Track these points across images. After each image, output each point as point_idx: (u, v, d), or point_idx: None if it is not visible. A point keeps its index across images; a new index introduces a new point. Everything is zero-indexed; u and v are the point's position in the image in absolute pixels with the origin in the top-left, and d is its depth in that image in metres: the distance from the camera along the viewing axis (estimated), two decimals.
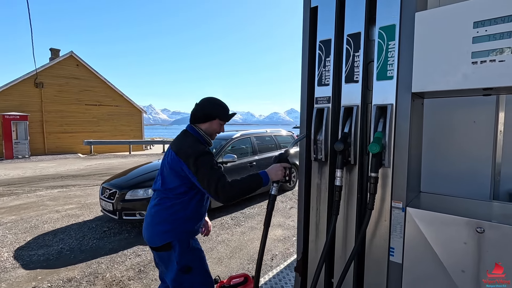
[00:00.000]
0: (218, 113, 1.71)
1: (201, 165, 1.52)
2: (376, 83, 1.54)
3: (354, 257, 1.52)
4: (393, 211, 1.51)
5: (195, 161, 1.53)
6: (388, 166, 1.51)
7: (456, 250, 1.31)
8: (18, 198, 6.34)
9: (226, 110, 1.75)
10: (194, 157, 1.53)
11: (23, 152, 14.48)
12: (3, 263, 3.37)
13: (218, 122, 1.72)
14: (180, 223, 1.61)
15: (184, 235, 1.62)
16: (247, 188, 1.57)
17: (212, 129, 1.73)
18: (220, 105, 1.73)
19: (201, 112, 1.69)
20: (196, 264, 1.63)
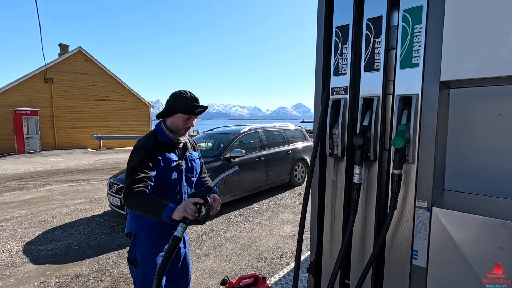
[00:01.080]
0: (179, 106, 1.56)
1: (129, 158, 1.56)
2: (399, 71, 1.41)
3: (374, 260, 1.41)
4: (417, 211, 1.39)
5: (130, 154, 1.57)
6: (412, 162, 1.39)
7: (490, 255, 1.18)
8: (28, 193, 6.41)
9: (189, 102, 1.56)
10: (131, 153, 1.57)
11: (34, 147, 14.71)
12: (12, 257, 3.38)
13: (181, 116, 1.57)
14: (136, 216, 1.65)
15: (139, 229, 1.64)
16: (142, 211, 1.49)
17: (176, 124, 1.60)
18: (182, 98, 1.57)
19: (166, 106, 1.62)
20: (145, 263, 1.61)
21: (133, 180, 1.46)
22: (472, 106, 1.68)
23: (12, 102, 14.80)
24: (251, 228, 4.20)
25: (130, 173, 1.51)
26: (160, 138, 1.60)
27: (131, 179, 1.48)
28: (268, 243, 3.70)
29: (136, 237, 1.64)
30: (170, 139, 1.63)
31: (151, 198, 1.44)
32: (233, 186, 5.08)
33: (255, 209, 5.11)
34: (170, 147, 1.64)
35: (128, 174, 1.51)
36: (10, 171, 9.23)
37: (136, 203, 1.44)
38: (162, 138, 1.61)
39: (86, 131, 17.30)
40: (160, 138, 1.60)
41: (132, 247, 1.64)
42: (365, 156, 1.50)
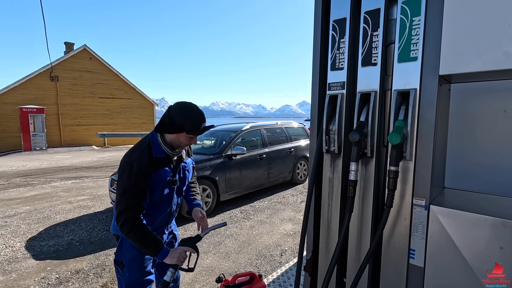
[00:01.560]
0: (185, 126, 1.43)
1: (120, 176, 1.43)
2: (397, 65, 1.37)
3: (370, 258, 1.38)
4: (415, 209, 1.35)
5: (121, 170, 1.43)
6: (410, 159, 1.35)
7: (489, 255, 1.15)
8: (33, 189, 6.48)
9: (196, 121, 1.45)
10: (121, 170, 1.43)
11: (41, 144, 14.89)
12: (15, 253, 3.41)
13: (186, 136, 1.46)
14: None
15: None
16: (137, 245, 1.45)
17: (179, 142, 1.49)
18: (190, 117, 1.44)
19: (169, 120, 1.44)
20: (131, 265, 1.59)
21: (128, 207, 1.40)
22: (475, 102, 1.63)
23: (18, 100, 14.98)
24: (252, 226, 4.19)
25: (123, 196, 1.40)
26: (155, 153, 1.47)
27: (126, 205, 1.40)
28: (268, 241, 3.68)
29: (123, 241, 1.60)
30: (166, 154, 1.51)
31: (148, 235, 1.43)
32: (234, 184, 5.07)
33: (256, 206, 5.09)
34: (165, 162, 1.52)
35: (121, 197, 1.41)
36: (16, 168, 9.35)
37: (133, 237, 1.42)
38: (157, 153, 1.47)
39: (91, 128, 17.44)
40: (155, 153, 1.47)
41: (119, 250, 1.62)
42: (362, 152, 1.46)
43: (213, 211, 4.73)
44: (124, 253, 1.62)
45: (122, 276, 1.65)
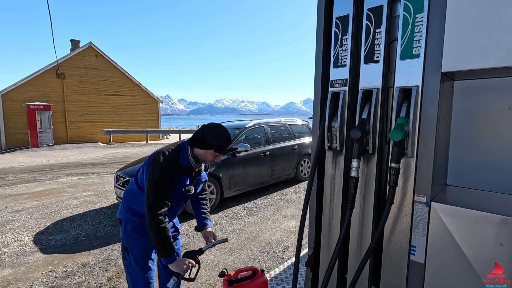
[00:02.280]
0: (214, 144, 1.62)
1: (152, 170, 1.55)
2: (399, 62, 1.37)
3: (370, 254, 1.39)
4: (416, 206, 1.36)
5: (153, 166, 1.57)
6: (411, 156, 1.35)
7: (490, 252, 1.15)
8: (40, 185, 6.59)
9: (224, 142, 1.65)
10: (152, 167, 1.56)
11: (47, 141, 15.09)
12: (23, 246, 3.49)
13: (213, 153, 1.65)
14: (127, 208, 1.72)
15: (128, 221, 1.71)
16: (155, 239, 1.54)
17: (205, 157, 1.67)
18: (221, 138, 1.64)
19: (201, 137, 1.62)
20: (134, 251, 1.70)
21: (159, 202, 1.53)
22: (478, 99, 1.62)
23: (26, 97, 15.18)
24: (255, 222, 4.22)
25: (155, 191, 1.53)
26: (182, 161, 1.63)
27: (157, 199, 1.53)
28: (271, 237, 3.71)
29: (126, 226, 1.72)
30: (190, 164, 1.66)
31: (168, 237, 1.55)
32: (238, 181, 5.10)
33: (260, 203, 5.12)
34: (187, 170, 1.68)
35: (153, 191, 1.53)
36: (24, 164, 9.50)
37: (156, 232, 1.52)
38: (183, 162, 1.63)
39: (96, 125, 17.62)
40: (181, 162, 1.63)
41: (124, 235, 1.72)
42: (364, 149, 1.47)
43: (217, 208, 4.77)
44: (128, 238, 1.71)
45: (129, 261, 1.71)
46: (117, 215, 1.79)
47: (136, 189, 1.71)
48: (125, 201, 1.75)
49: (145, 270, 1.72)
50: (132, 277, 1.73)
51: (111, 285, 2.67)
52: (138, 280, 1.72)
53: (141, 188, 1.68)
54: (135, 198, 1.71)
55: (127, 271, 1.76)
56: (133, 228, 1.70)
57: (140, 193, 1.69)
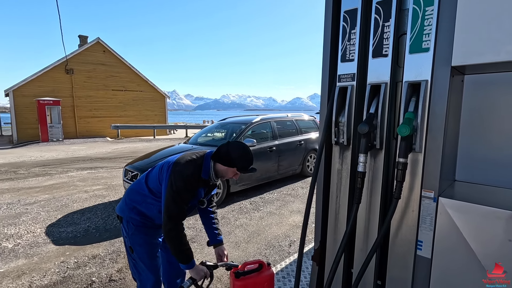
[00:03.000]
0: (239, 164, 1.66)
1: (176, 179, 1.56)
2: (408, 56, 1.36)
3: (376, 248, 1.39)
4: (423, 201, 1.36)
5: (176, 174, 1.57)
6: (419, 151, 1.34)
7: (498, 247, 1.15)
8: (51, 178, 6.74)
9: (247, 164, 1.69)
10: (175, 177, 1.56)
11: (57, 136, 15.37)
12: (36, 238, 3.59)
13: (234, 171, 1.68)
14: (129, 207, 1.72)
15: (131, 220, 1.71)
16: (173, 248, 1.57)
17: (225, 173, 1.69)
18: (245, 157, 1.68)
19: (226, 155, 1.64)
20: (138, 250, 1.72)
21: (181, 212, 1.57)
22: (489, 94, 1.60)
23: (36, 92, 15.44)
24: (261, 217, 4.25)
25: (177, 201, 1.54)
26: (203, 174, 1.65)
27: (179, 209, 1.55)
28: (277, 231, 3.74)
29: (128, 225, 1.72)
30: (209, 178, 1.68)
31: (186, 244, 1.60)
32: (244, 176, 5.12)
33: (266, 198, 5.15)
34: (204, 183, 1.70)
35: (174, 201, 1.54)
36: (35, 158, 9.71)
37: (175, 242, 1.56)
38: (203, 175, 1.65)
39: (105, 120, 17.84)
40: (202, 175, 1.65)
41: (126, 234, 1.72)
42: (371, 144, 1.47)
43: (223, 202, 4.82)
44: (131, 237, 1.71)
45: (135, 260, 1.73)
46: (117, 212, 1.77)
47: (146, 192, 1.69)
48: (129, 200, 1.74)
49: (152, 269, 1.73)
50: (140, 275, 1.74)
51: (120, 276, 2.74)
52: (146, 279, 1.73)
53: (153, 192, 1.67)
54: (142, 199, 1.70)
55: (133, 269, 1.77)
56: (136, 227, 1.69)
57: (150, 196, 1.68)
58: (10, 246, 3.37)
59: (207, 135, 6.28)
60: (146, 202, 1.70)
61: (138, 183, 1.77)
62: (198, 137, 6.10)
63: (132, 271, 1.80)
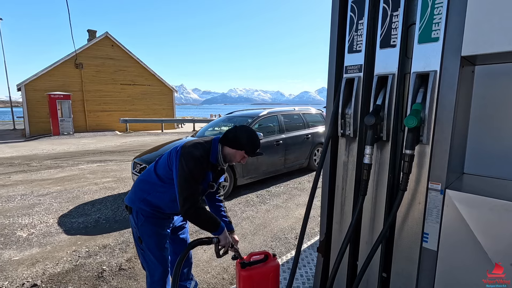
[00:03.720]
0: (248, 147, 1.68)
1: (186, 163, 1.57)
2: (417, 47, 1.34)
3: (382, 240, 1.40)
4: (430, 193, 1.35)
5: (186, 158, 1.58)
6: (427, 143, 1.33)
7: (505, 240, 1.13)
8: (63, 171, 6.90)
9: (255, 147, 1.71)
10: (185, 159, 1.58)
11: (68, 129, 15.66)
12: (49, 228, 3.70)
13: (243, 154, 1.69)
14: (138, 197, 1.73)
15: (140, 210, 1.72)
16: (198, 222, 1.60)
17: (233, 157, 1.71)
18: (253, 140, 1.69)
19: (234, 137, 1.66)
20: (147, 241, 1.73)
21: (195, 192, 1.59)
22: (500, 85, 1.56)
23: (47, 86, 15.71)
24: (267, 210, 4.28)
25: (190, 181, 1.56)
26: (211, 158, 1.67)
27: (193, 189, 1.57)
28: (283, 224, 3.76)
29: (138, 215, 1.73)
30: (217, 162, 1.70)
31: (209, 216, 1.64)
32: (251, 169, 5.15)
33: (273, 191, 5.17)
34: (212, 167, 1.72)
35: (187, 182, 1.56)
36: (47, 151, 9.94)
37: (198, 219, 1.59)
38: (212, 159, 1.67)
39: (114, 114, 18.07)
40: (210, 158, 1.67)
41: (136, 225, 1.75)
42: (378, 136, 1.46)
43: (230, 195, 4.86)
44: (141, 228, 1.73)
45: (143, 250, 1.77)
46: (126, 202, 1.78)
47: (156, 180, 1.71)
48: (138, 191, 1.75)
49: (160, 259, 1.76)
50: (148, 265, 1.77)
51: (130, 265, 2.81)
52: (154, 269, 1.76)
53: (162, 179, 1.69)
54: (152, 188, 1.72)
55: (142, 259, 1.80)
56: (146, 218, 1.71)
57: (159, 184, 1.70)
58: (24, 235, 3.49)
59: (214, 128, 6.31)
60: (156, 191, 1.71)
61: (147, 173, 1.79)
62: (205, 130, 6.14)
63: (141, 260, 1.84)
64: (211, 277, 2.62)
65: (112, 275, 2.65)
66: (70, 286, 2.50)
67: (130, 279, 2.60)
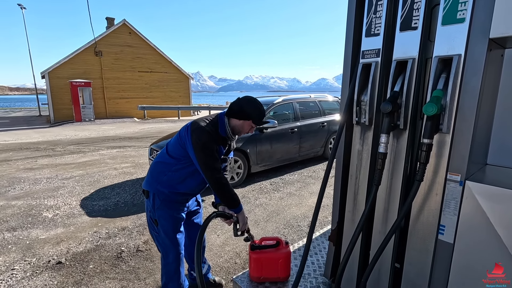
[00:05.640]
0: (254, 116, 1.70)
1: (199, 136, 1.61)
2: (440, 29, 1.25)
3: (396, 230, 1.36)
4: (448, 185, 1.29)
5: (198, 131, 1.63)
6: (447, 132, 1.26)
7: None
8: (84, 156, 7.20)
9: (262, 115, 1.73)
10: (196, 133, 1.62)
11: (89, 116, 16.22)
12: (72, 210, 3.90)
13: (250, 124, 1.73)
14: (155, 179, 1.77)
15: (158, 193, 1.76)
16: (222, 192, 1.67)
17: (241, 128, 1.74)
18: (258, 109, 1.72)
19: (239, 108, 1.69)
20: (164, 223, 1.79)
21: (216, 161, 1.65)
22: None
23: (69, 74, 16.23)
24: (281, 197, 4.29)
25: (206, 151, 1.61)
26: (220, 130, 1.70)
27: (213, 158, 1.63)
28: (296, 212, 3.77)
29: (155, 198, 1.77)
30: (227, 135, 1.73)
31: (233, 190, 1.72)
32: (265, 156, 5.15)
33: (286, 179, 5.16)
34: (223, 141, 1.74)
35: (204, 151, 1.61)
36: (70, 137, 10.37)
37: (222, 187, 1.66)
38: (221, 131, 1.70)
39: (132, 101, 18.49)
40: (220, 131, 1.69)
41: (152, 208, 1.79)
42: (394, 124, 1.40)
43: (244, 182, 4.90)
44: (157, 211, 1.78)
45: (158, 233, 1.83)
46: (144, 187, 1.82)
47: (169, 159, 1.75)
48: (155, 173, 1.78)
49: (174, 242, 1.81)
50: (162, 247, 1.84)
51: (146, 247, 2.93)
52: (168, 251, 1.82)
53: (174, 158, 1.74)
54: (167, 168, 1.76)
55: (156, 242, 1.88)
56: (162, 201, 1.76)
57: (173, 164, 1.74)
58: (50, 216, 3.70)
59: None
60: (171, 170, 1.75)
61: (161, 155, 1.85)
62: None
63: (156, 243, 1.91)
64: (224, 261, 2.68)
65: (130, 256, 2.78)
66: (92, 264, 2.65)
67: (146, 260, 2.71)
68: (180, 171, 1.74)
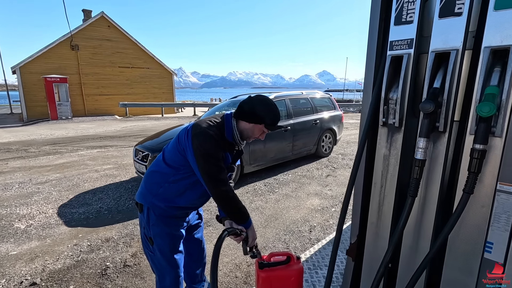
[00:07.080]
0: (267, 119, 1.47)
1: (203, 143, 1.38)
2: (492, 14, 1.06)
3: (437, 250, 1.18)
4: (498, 196, 1.12)
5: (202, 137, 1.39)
6: (499, 135, 1.08)
7: None
8: (62, 157, 6.69)
9: (276, 118, 1.52)
10: (198, 138, 1.38)
11: (66, 113, 15.35)
12: (48, 219, 3.52)
13: (262, 128, 1.50)
14: (149, 192, 1.53)
15: (152, 207, 1.52)
16: (228, 206, 1.44)
17: (251, 132, 1.51)
18: (273, 112, 1.49)
19: (250, 109, 1.45)
20: (159, 242, 1.55)
21: (220, 170, 1.41)
22: None
23: (42, 69, 15.25)
24: (277, 200, 4.09)
25: (209, 160, 1.38)
26: (226, 135, 1.47)
27: (217, 167, 1.40)
28: (295, 215, 3.58)
29: (150, 213, 1.53)
30: (234, 140, 1.50)
31: (241, 203, 1.49)
32: (258, 156, 4.93)
33: (281, 179, 4.97)
34: (229, 147, 1.52)
35: (207, 159, 1.37)
36: (45, 136, 9.70)
37: (230, 200, 1.44)
38: (227, 136, 1.48)
39: (112, 98, 17.69)
40: (226, 135, 1.47)
41: (146, 224, 1.55)
42: (433, 126, 1.21)
43: (237, 183, 4.66)
44: (152, 228, 1.54)
45: (153, 253, 1.57)
46: (137, 199, 1.58)
47: (166, 169, 1.50)
48: (149, 184, 1.54)
49: (172, 263, 1.57)
50: (158, 268, 1.59)
51: (135, 262, 2.64)
52: (165, 273, 1.58)
53: (172, 167, 1.48)
54: (164, 179, 1.50)
55: (151, 262, 1.62)
56: (158, 217, 1.52)
57: (171, 173, 1.49)
58: (22, 227, 3.31)
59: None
60: (168, 181, 1.49)
61: (156, 163, 1.57)
62: (209, 115, 5.87)
63: (150, 263, 1.65)
64: (223, 275, 2.45)
65: (117, 272, 2.48)
66: (72, 284, 2.33)
67: (136, 277, 2.43)
68: (179, 182, 1.48)
